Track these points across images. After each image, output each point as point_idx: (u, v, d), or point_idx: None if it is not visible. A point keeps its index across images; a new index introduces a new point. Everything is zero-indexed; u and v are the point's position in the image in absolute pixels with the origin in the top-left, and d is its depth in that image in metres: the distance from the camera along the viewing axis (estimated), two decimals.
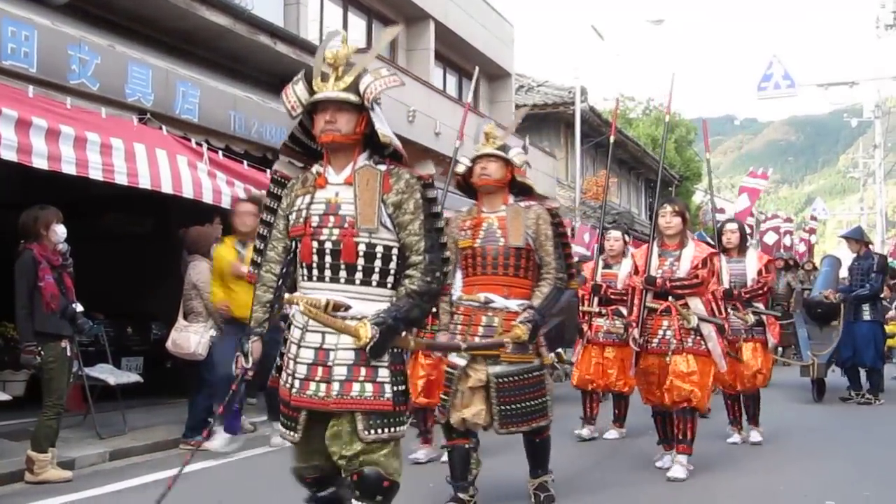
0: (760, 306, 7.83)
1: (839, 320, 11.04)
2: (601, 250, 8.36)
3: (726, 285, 7.38)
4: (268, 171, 8.53)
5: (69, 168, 6.68)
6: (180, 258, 8.28)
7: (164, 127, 8.19)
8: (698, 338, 6.05)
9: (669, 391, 6.04)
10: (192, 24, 9.99)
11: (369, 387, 3.26)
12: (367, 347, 3.18)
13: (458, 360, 4.89)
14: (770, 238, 17.68)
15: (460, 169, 5.15)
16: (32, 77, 7.33)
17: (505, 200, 5.05)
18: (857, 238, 11.22)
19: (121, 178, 7.16)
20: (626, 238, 8.19)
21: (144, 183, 7.31)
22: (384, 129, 3.35)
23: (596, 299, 8.07)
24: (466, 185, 5.19)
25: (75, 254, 6.57)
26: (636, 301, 6.25)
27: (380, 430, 3.26)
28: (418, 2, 16.54)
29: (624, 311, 7.62)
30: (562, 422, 7.40)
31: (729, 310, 7.21)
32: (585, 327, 8.11)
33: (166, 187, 7.50)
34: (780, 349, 13.78)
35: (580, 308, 8.02)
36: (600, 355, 8.08)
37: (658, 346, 6.13)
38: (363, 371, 3.26)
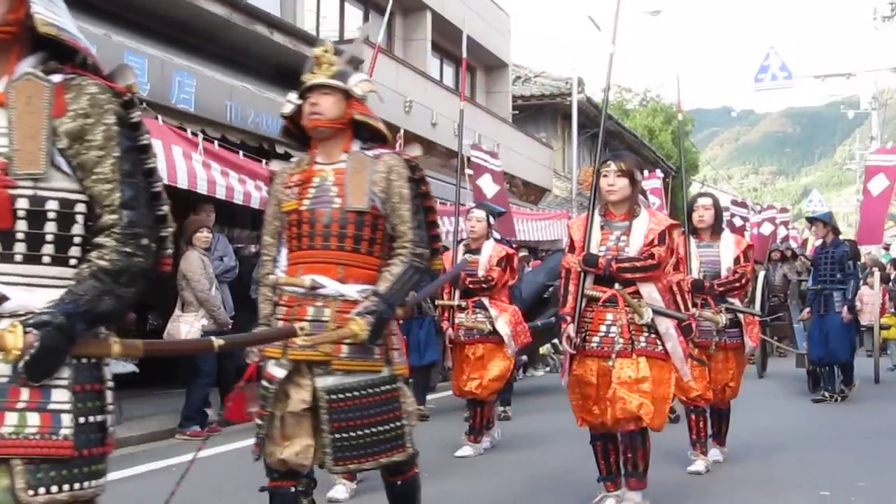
0: (736, 302, 6.31)
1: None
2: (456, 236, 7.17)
3: (696, 274, 6.10)
4: (264, 161, 8.54)
5: None
6: (177, 248, 8.32)
7: (159, 116, 8.17)
8: (653, 336, 4.60)
9: (612, 403, 4.54)
10: (189, 13, 9.97)
11: (34, 418, 2.06)
12: (22, 364, 1.98)
13: (277, 370, 3.51)
14: (766, 229, 17.72)
15: (286, 109, 3.70)
16: None
17: (346, 147, 3.61)
18: (826, 221, 10.16)
19: None
20: (491, 219, 7.00)
21: None
22: (41, 9, 2.10)
23: (457, 291, 6.74)
24: (297, 131, 3.79)
25: None
26: (571, 288, 4.70)
27: (54, 488, 2.06)
28: None
29: (486, 302, 6.70)
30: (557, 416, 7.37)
31: (699, 306, 6.01)
32: (446, 325, 6.80)
33: (161, 177, 7.49)
34: (774, 338, 13.92)
35: (436, 302, 6.81)
36: (472, 355, 6.75)
37: (599, 346, 4.61)
38: (25, 394, 2.06)
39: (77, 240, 2.17)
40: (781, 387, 11.58)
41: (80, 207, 2.16)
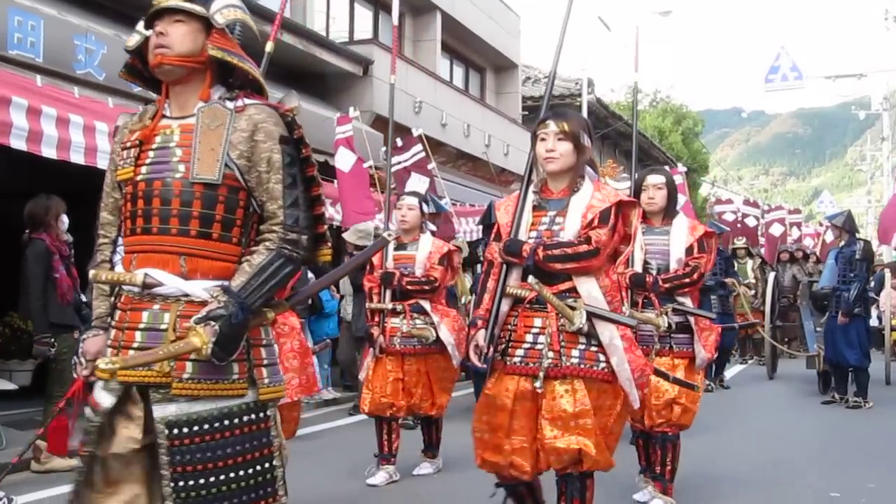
0: (688, 302, 4.95)
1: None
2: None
3: (637, 267, 4.95)
4: None
5: (77, 157, 6.70)
6: None
7: None
8: (592, 349, 3.44)
9: (543, 451, 3.43)
10: None
11: None
12: None
13: (103, 396, 2.61)
14: (776, 230, 17.65)
15: (131, 42, 2.79)
16: (39, 67, 7.36)
17: (204, 96, 2.69)
18: (837, 225, 9.84)
19: None
20: (425, 208, 6.07)
21: None
22: None
23: (388, 292, 5.81)
24: (147, 73, 2.80)
25: (81, 243, 6.60)
26: (490, 284, 3.58)
27: None
28: None
29: (427, 305, 5.83)
30: None
31: (640, 305, 4.98)
32: (376, 331, 5.82)
33: None
34: (785, 340, 13.86)
35: (367, 304, 6.00)
36: (399, 368, 5.82)
37: (523, 361, 3.46)
38: None
39: None
40: (792, 388, 11.56)
41: None
